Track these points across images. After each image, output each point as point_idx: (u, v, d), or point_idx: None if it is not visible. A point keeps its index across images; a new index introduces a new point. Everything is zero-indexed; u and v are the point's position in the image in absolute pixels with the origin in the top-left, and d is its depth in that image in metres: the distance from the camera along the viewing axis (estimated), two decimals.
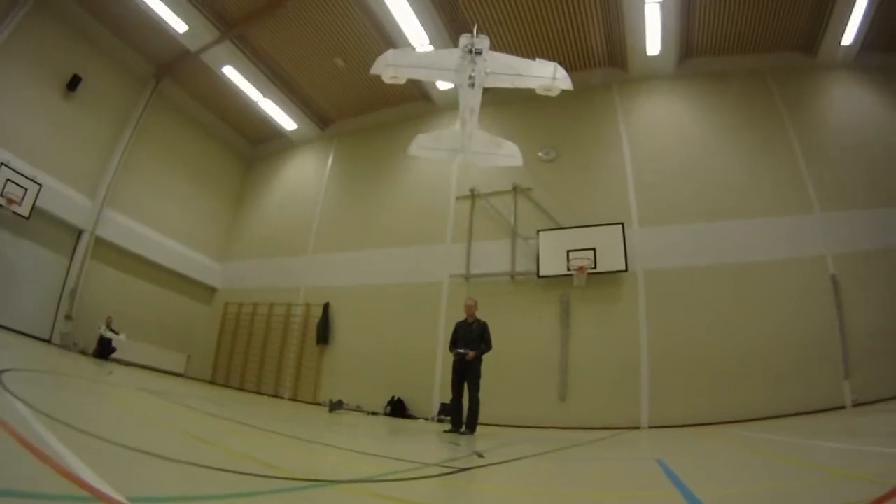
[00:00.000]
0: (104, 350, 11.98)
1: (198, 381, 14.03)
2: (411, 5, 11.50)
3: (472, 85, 5.23)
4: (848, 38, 11.59)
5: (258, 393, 13.28)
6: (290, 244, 15.31)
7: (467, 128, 5.56)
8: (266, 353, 13.88)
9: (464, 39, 5.10)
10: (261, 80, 14.52)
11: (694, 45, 12.59)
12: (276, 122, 16.25)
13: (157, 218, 14.70)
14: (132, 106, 14.28)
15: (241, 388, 13.67)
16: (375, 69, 5.01)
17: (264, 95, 15.03)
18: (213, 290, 16.03)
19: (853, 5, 10.85)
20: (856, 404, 8.84)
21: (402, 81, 5.04)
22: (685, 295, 10.20)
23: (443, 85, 13.75)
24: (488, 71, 5.13)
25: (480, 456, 4.33)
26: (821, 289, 9.73)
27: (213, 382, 14.32)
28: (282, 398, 12.88)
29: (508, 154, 5.49)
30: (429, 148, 5.17)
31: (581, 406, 10.02)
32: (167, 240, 14.87)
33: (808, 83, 12.14)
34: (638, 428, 9.50)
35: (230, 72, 14.19)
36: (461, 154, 5.61)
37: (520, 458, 4.42)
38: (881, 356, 8.97)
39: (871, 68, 11.90)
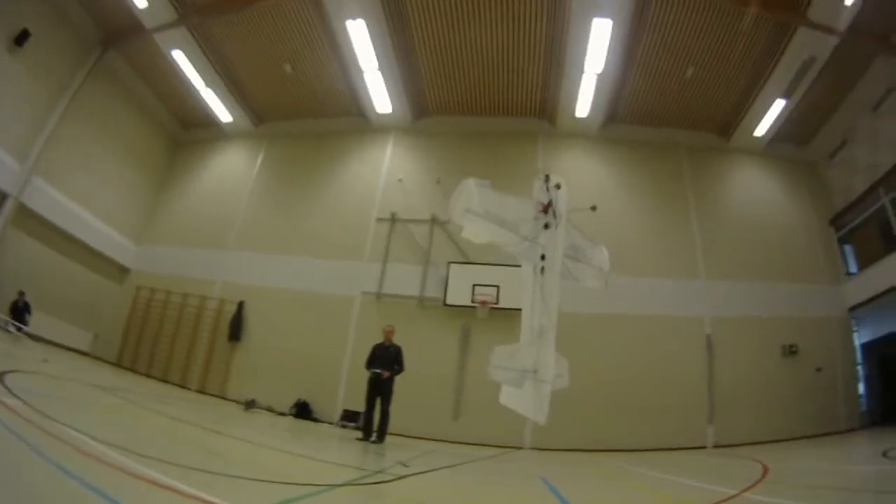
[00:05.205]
0: (18, 318, 11.63)
1: (105, 363, 13.74)
2: (368, 30, 12.20)
3: (543, 269, 4.37)
4: (761, 130, 13.44)
5: (164, 381, 13.17)
6: (211, 236, 15.23)
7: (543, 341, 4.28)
8: (176, 342, 13.81)
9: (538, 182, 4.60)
10: (207, 69, 14.59)
11: (619, 113, 14.23)
12: (212, 111, 16.22)
13: (79, 189, 14.16)
14: (74, 72, 13.75)
15: (147, 375, 13.52)
16: (453, 212, 4.22)
17: (207, 85, 15.06)
18: (126, 270, 15.60)
19: (771, 105, 12.64)
20: (716, 446, 10.70)
21: (483, 240, 4.27)
22: (577, 336, 11.26)
23: (380, 107, 14.60)
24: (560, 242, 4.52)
25: (405, 465, 5.31)
26: (697, 344, 11.71)
27: (118, 365, 13.99)
28: (188, 388, 12.99)
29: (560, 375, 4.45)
30: (503, 368, 4.21)
31: (471, 425, 11.20)
32: (85, 212, 14.33)
33: (716, 162, 14.15)
34: (521, 448, 10.84)
35: (179, 56, 14.14)
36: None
37: (437, 469, 5.63)
38: (740, 408, 11.02)
39: (779, 157, 13.94)
